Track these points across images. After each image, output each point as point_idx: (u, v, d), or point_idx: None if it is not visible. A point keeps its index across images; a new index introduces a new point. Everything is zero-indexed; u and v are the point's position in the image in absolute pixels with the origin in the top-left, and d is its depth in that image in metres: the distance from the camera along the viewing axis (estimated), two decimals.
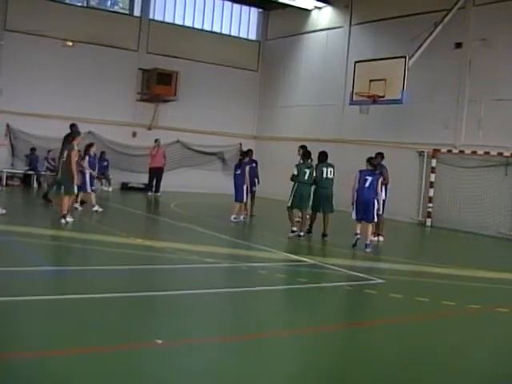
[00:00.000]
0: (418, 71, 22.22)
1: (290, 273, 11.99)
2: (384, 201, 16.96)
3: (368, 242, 15.48)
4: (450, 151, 23.14)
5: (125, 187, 28.55)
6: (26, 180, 26.41)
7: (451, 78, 23.53)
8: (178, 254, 12.74)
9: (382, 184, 16.13)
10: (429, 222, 23.45)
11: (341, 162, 22.66)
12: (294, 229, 16.66)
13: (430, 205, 23.44)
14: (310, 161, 17.06)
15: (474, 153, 22.26)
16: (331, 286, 10.97)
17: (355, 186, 15.68)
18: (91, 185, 19.73)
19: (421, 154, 24.03)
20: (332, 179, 17.28)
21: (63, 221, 15.99)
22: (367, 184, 15.58)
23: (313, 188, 17.11)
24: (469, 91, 23.04)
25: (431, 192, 23.49)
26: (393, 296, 10.37)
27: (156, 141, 27.07)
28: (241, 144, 31.44)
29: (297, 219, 17.09)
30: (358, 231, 15.69)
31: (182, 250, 13.22)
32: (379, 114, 23.89)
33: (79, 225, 16.60)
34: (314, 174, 16.87)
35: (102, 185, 27.21)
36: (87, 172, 19.57)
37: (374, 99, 22.13)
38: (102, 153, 27.33)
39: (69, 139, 17.57)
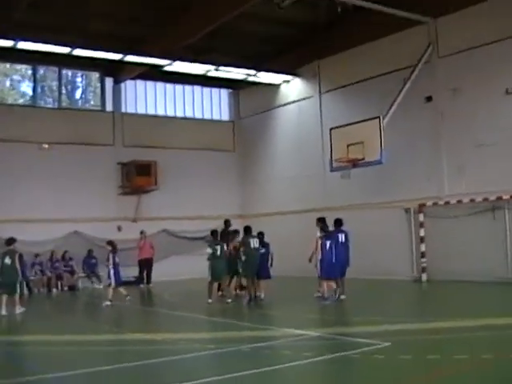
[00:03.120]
0: (394, 129, 22.44)
1: (295, 348, 11.70)
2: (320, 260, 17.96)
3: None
4: (435, 203, 23.22)
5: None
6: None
7: (427, 131, 23.80)
8: (179, 344, 12.47)
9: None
10: (424, 276, 23.34)
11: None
12: (210, 300, 18.72)
13: (424, 260, 23.36)
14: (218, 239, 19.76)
15: (460, 202, 22.36)
16: (338, 357, 10.70)
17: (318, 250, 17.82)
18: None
19: (407, 210, 24.09)
20: (258, 248, 19.23)
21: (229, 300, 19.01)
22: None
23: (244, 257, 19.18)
24: (446, 142, 23.28)
25: (423, 247, 23.45)
26: (402, 358, 10.14)
27: (142, 232, 26.95)
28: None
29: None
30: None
31: (183, 339, 12.97)
32: (361, 177, 23.95)
33: (75, 325, 16.30)
34: (226, 248, 19.52)
35: (92, 282, 26.91)
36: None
37: (354, 163, 22.26)
38: (90, 251, 27.13)
39: (227, 235, 20.65)
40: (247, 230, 19.90)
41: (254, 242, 19.38)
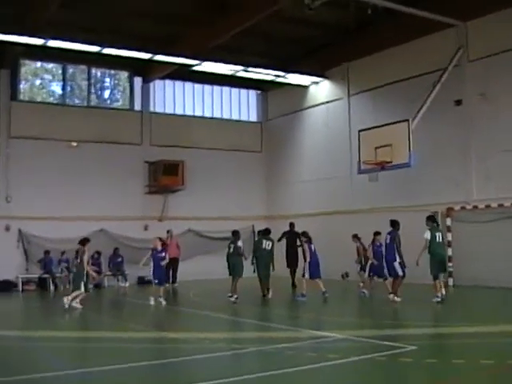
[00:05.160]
0: (422, 132, 22.28)
1: (319, 350, 11.63)
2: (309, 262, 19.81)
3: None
4: (463, 208, 23.03)
5: (141, 281, 28.28)
6: (41, 284, 26.26)
7: (456, 135, 23.61)
8: (204, 343, 12.47)
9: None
10: (451, 281, 23.12)
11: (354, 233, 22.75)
12: (229, 294, 19.75)
13: (450, 264, 23.11)
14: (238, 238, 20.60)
15: (488, 207, 22.13)
16: (364, 359, 10.60)
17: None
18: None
19: (434, 214, 23.84)
20: (269, 250, 20.75)
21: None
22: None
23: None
24: (474, 146, 23.11)
25: (450, 251, 23.20)
26: (429, 362, 10.06)
27: (168, 232, 26.97)
28: (253, 226, 31.34)
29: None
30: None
31: (207, 338, 12.96)
32: (389, 180, 23.81)
33: (101, 322, 16.38)
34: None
35: (118, 281, 26.93)
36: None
37: (382, 166, 22.08)
38: (116, 249, 27.15)
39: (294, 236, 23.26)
40: (265, 231, 21.56)
41: (267, 245, 20.76)
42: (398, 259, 18.47)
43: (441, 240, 18.31)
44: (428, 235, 18.03)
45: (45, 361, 11.40)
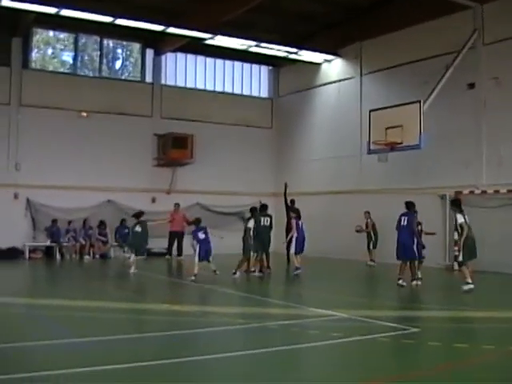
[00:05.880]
0: (434, 114, 22.16)
1: (322, 328, 11.65)
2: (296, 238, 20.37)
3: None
4: (472, 192, 22.90)
5: (147, 253, 28.37)
6: (48, 252, 26.40)
7: (467, 119, 23.47)
8: (208, 317, 12.54)
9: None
10: (456, 265, 23.05)
11: (362, 213, 22.74)
12: (233, 271, 20.01)
13: (456, 248, 23.05)
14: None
15: (497, 192, 22.04)
16: (366, 339, 10.63)
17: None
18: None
19: (442, 197, 23.80)
20: (268, 226, 20.76)
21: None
22: None
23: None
24: (486, 130, 22.97)
25: (456, 235, 23.10)
26: (431, 344, 10.08)
27: (175, 205, 27.02)
28: (260, 202, 31.31)
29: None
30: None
31: (211, 312, 13.06)
32: (398, 161, 23.74)
33: (104, 293, 16.45)
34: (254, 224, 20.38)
35: (124, 252, 26.99)
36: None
37: (392, 147, 22.02)
38: (123, 220, 27.19)
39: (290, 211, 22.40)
40: (262, 207, 21.41)
41: (265, 221, 20.76)
42: (416, 242, 18.04)
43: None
44: (462, 219, 16.70)
45: (46, 329, 11.45)
